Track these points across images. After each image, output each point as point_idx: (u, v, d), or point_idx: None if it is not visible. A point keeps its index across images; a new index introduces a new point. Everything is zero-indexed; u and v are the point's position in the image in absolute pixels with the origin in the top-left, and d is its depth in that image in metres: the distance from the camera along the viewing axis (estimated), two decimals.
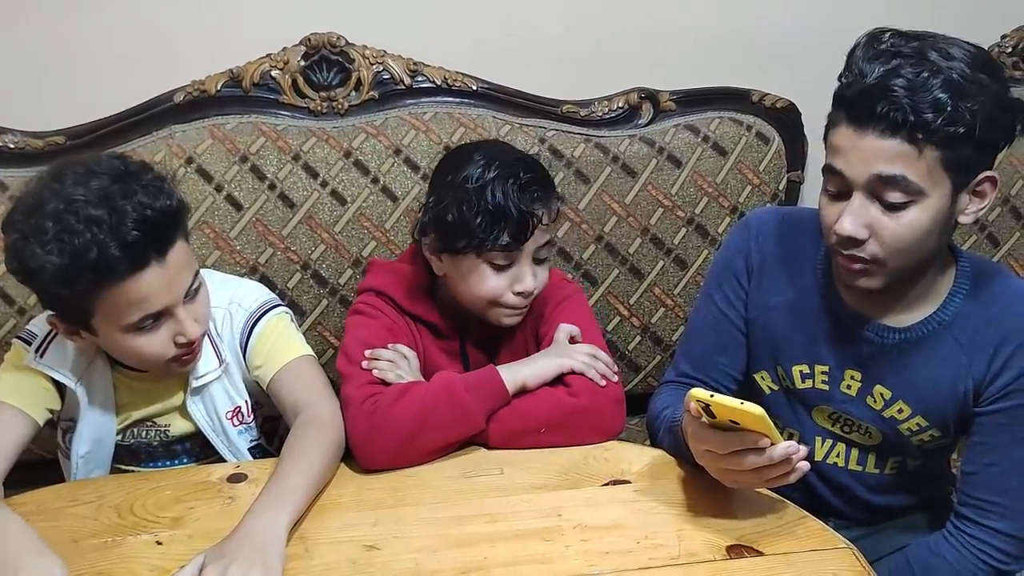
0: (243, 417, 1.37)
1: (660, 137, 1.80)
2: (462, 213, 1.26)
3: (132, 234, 1.10)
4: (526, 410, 1.28)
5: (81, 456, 1.31)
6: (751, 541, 1.10)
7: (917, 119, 1.04)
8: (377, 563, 1.06)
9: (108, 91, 1.65)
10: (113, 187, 1.13)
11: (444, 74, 1.75)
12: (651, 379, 1.86)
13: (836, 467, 1.35)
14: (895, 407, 1.27)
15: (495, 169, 1.27)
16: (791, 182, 1.88)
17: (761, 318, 1.33)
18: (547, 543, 1.10)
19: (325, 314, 1.69)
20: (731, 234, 1.40)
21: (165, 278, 1.16)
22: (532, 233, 1.28)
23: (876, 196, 1.10)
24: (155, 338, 1.20)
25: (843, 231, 1.12)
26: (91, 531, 1.12)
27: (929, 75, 1.05)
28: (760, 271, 1.33)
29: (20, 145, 1.61)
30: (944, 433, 1.27)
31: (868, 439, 1.32)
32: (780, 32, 1.88)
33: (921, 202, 1.09)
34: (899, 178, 1.07)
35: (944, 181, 1.09)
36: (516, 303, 1.32)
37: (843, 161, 1.11)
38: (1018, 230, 1.95)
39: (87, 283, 1.12)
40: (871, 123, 1.07)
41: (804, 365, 1.30)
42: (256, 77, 1.69)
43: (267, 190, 1.65)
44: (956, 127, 1.05)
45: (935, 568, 1.23)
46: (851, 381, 1.29)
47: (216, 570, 0.99)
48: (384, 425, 1.22)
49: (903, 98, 1.05)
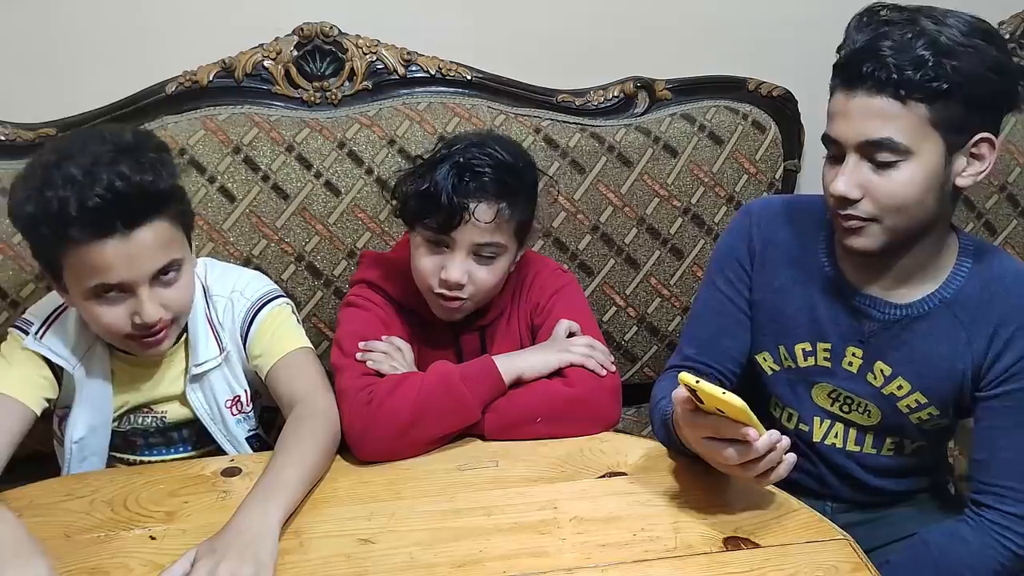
0: (242, 406, 1.36)
1: (656, 126, 1.80)
2: (409, 184, 1.31)
3: (94, 199, 1.12)
4: (522, 401, 1.28)
5: (75, 442, 1.30)
6: (748, 533, 1.09)
7: (900, 76, 1.09)
8: (372, 557, 1.06)
9: (100, 82, 1.64)
10: (106, 154, 1.15)
11: (438, 64, 1.74)
12: (647, 369, 1.86)
13: (834, 448, 1.36)
14: (895, 383, 1.28)
15: (455, 155, 1.28)
16: (788, 171, 1.88)
17: (765, 301, 1.34)
18: (543, 536, 1.09)
19: (319, 306, 1.68)
20: (733, 221, 1.42)
21: (127, 253, 1.15)
22: (459, 224, 1.26)
23: (867, 157, 1.15)
24: (113, 311, 1.19)
25: (836, 191, 1.16)
26: (84, 526, 1.11)
27: (913, 36, 1.10)
28: (763, 254, 1.34)
29: (11, 137, 1.60)
30: (942, 412, 1.28)
31: (867, 418, 1.32)
32: (776, 20, 1.87)
33: (911, 160, 1.13)
34: (886, 141, 1.12)
35: (935, 139, 1.13)
36: (441, 291, 1.31)
37: (836, 126, 1.16)
38: (1015, 217, 1.95)
39: (49, 237, 1.15)
40: (859, 83, 1.12)
41: (807, 343, 1.32)
42: (248, 67, 1.68)
43: (260, 181, 1.64)
44: (939, 83, 1.09)
45: (955, 551, 1.23)
46: (852, 358, 1.30)
47: (207, 565, 0.98)
48: (380, 416, 1.22)
49: (888, 57, 1.10)
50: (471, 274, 1.30)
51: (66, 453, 1.31)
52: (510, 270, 1.37)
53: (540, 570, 1.04)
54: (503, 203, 1.28)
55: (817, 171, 1.93)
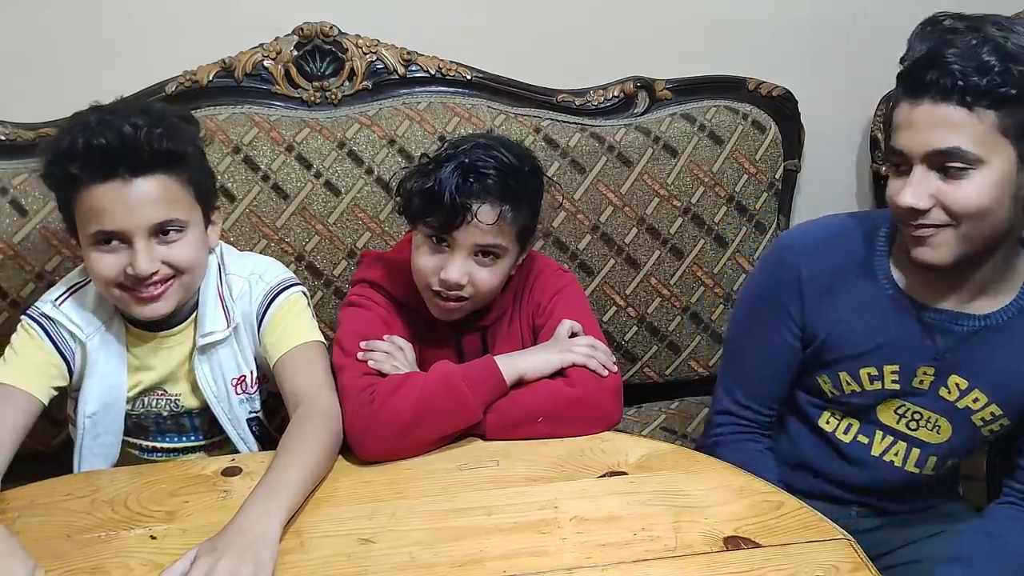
0: (247, 387, 1.37)
1: (656, 126, 1.80)
2: (413, 182, 1.31)
3: (100, 140, 1.17)
4: (523, 401, 1.28)
5: (88, 416, 1.31)
6: (748, 533, 1.09)
7: (966, 82, 1.07)
8: (373, 556, 1.06)
9: (100, 82, 1.61)
10: (128, 109, 1.23)
11: (438, 64, 1.74)
12: (648, 369, 1.86)
13: (891, 465, 1.33)
14: (970, 397, 1.26)
15: (460, 155, 1.28)
16: (788, 171, 1.88)
17: (824, 334, 1.30)
18: (543, 535, 1.09)
19: (319, 306, 1.68)
20: (770, 259, 1.37)
21: (126, 199, 1.19)
22: (461, 224, 1.26)
23: (936, 167, 1.12)
24: (108, 259, 1.22)
25: (904, 202, 1.13)
26: (85, 525, 1.11)
27: (979, 43, 1.07)
28: (815, 289, 1.29)
29: (11, 137, 1.60)
30: (1013, 421, 1.27)
31: (936, 435, 1.30)
32: (776, 20, 1.87)
33: (981, 169, 1.10)
34: (954, 150, 1.09)
35: (1005, 147, 1.10)
36: (439, 289, 1.31)
37: (901, 137, 1.13)
38: None
39: (59, 178, 1.22)
40: (923, 92, 1.10)
41: (872, 368, 1.28)
42: (248, 67, 1.68)
43: (260, 181, 1.64)
44: (1007, 88, 1.06)
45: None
46: (924, 376, 1.27)
47: (207, 563, 0.98)
48: (381, 416, 1.22)
49: (953, 64, 1.07)
50: (471, 275, 1.30)
51: (79, 429, 1.31)
52: (511, 273, 1.37)
53: (540, 570, 1.04)
54: (506, 205, 1.28)
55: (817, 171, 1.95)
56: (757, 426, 1.38)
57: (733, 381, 1.39)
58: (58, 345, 1.29)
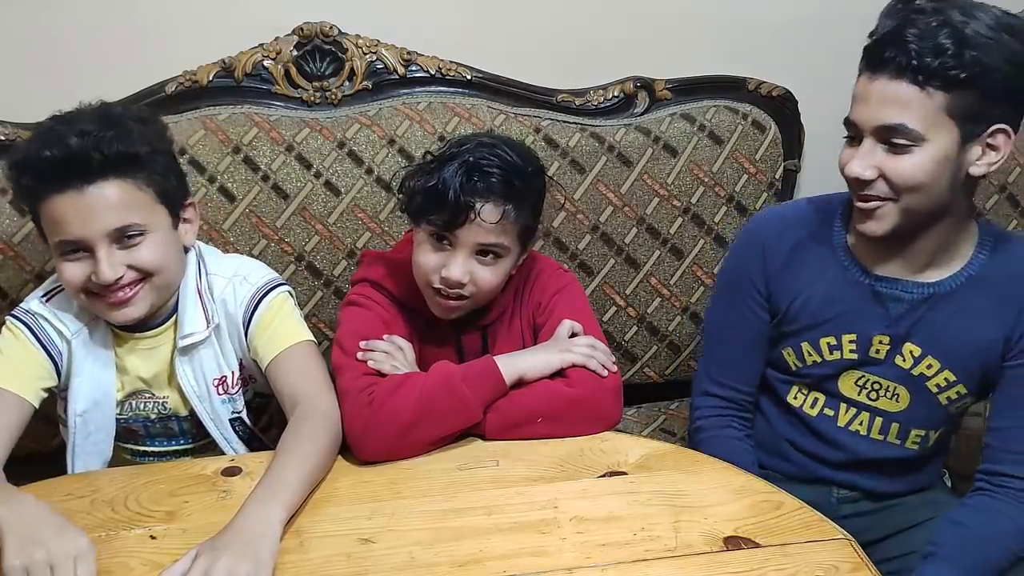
0: (227, 387, 1.36)
1: (656, 126, 1.80)
2: (417, 179, 1.31)
3: (49, 151, 1.18)
4: (523, 401, 1.28)
5: (79, 415, 1.31)
6: (748, 533, 1.09)
7: (920, 62, 1.12)
8: (372, 556, 1.06)
9: (99, 82, 1.61)
10: (83, 114, 1.23)
11: (438, 64, 1.74)
12: (648, 369, 1.86)
13: (857, 435, 1.37)
14: (924, 363, 1.30)
15: (465, 154, 1.28)
16: (788, 171, 1.88)
17: (788, 306, 1.36)
18: (543, 535, 1.09)
19: (319, 306, 1.68)
20: (740, 238, 1.45)
21: (82, 208, 1.19)
22: (464, 222, 1.26)
23: (882, 140, 1.18)
24: (74, 268, 1.23)
25: (851, 172, 1.21)
26: (84, 525, 1.10)
27: (938, 25, 1.12)
28: (779, 263, 1.36)
29: (11, 137, 1.60)
30: (969, 389, 1.31)
31: (896, 403, 1.34)
32: (776, 20, 1.87)
33: (924, 146, 1.16)
34: (900, 126, 1.16)
35: (949, 127, 1.15)
36: (440, 287, 1.31)
37: (856, 109, 1.20)
38: (1015, 217, 1.95)
39: (19, 187, 1.24)
40: (881, 68, 1.16)
41: (831, 337, 1.34)
42: (248, 67, 1.68)
43: (260, 181, 1.64)
44: (958, 71, 1.11)
45: (995, 523, 1.25)
46: (879, 345, 1.32)
47: (206, 562, 0.98)
48: (381, 417, 1.22)
49: (911, 43, 1.13)
50: (472, 274, 1.30)
51: (70, 428, 1.31)
52: (512, 272, 1.37)
53: (540, 569, 1.04)
54: (509, 205, 1.28)
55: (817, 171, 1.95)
56: (737, 407, 1.43)
57: (711, 361, 1.45)
58: (44, 344, 1.28)
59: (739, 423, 1.42)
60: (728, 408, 1.43)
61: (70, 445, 1.33)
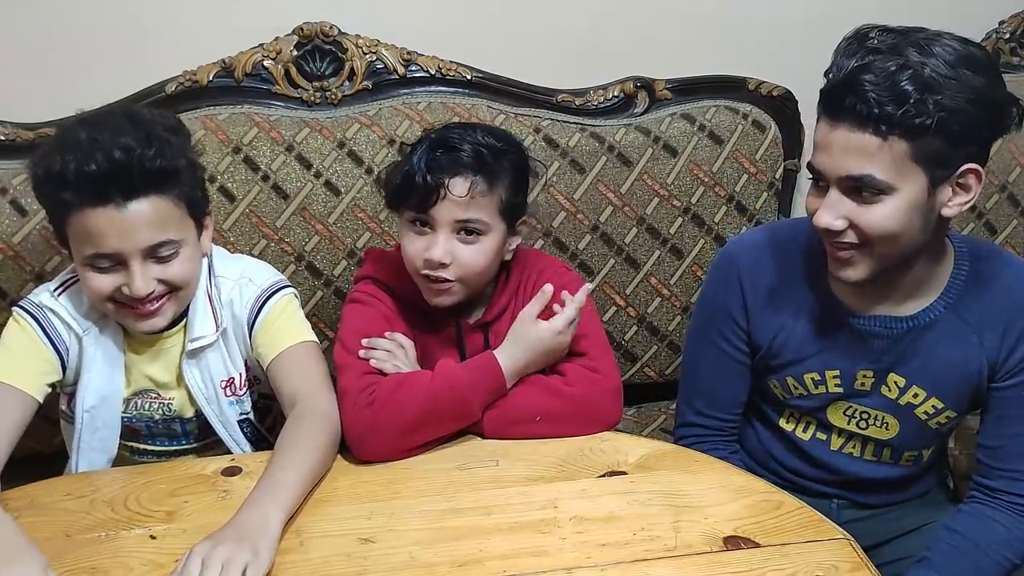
0: (235, 389, 1.36)
1: (656, 126, 1.79)
2: (393, 170, 1.34)
3: (91, 166, 1.15)
4: (522, 400, 1.28)
5: (86, 411, 1.30)
6: (748, 533, 1.09)
7: (881, 111, 1.07)
8: (372, 556, 1.06)
9: (99, 82, 1.63)
10: (117, 125, 1.19)
11: (438, 64, 1.74)
12: (648, 369, 1.86)
13: (851, 457, 1.37)
14: (910, 392, 1.29)
15: (432, 134, 1.32)
16: (788, 171, 1.87)
17: (768, 342, 1.33)
18: (543, 535, 1.09)
19: (319, 306, 1.68)
20: (716, 268, 1.40)
21: (121, 224, 1.18)
22: (437, 200, 1.27)
23: (849, 191, 1.14)
24: (103, 279, 1.22)
25: (819, 223, 1.16)
26: (84, 525, 1.11)
27: (897, 69, 1.07)
28: (757, 299, 1.33)
29: (11, 136, 1.59)
30: (959, 412, 1.30)
31: (885, 431, 1.33)
32: (777, 19, 1.87)
33: (893, 195, 1.12)
34: (867, 177, 1.11)
35: (917, 174, 1.11)
36: (427, 271, 1.30)
37: (819, 158, 1.15)
38: (1016, 217, 1.95)
39: (51, 199, 1.21)
40: (841, 116, 1.11)
41: (815, 373, 1.31)
42: (248, 67, 1.68)
43: (260, 181, 1.64)
44: (921, 119, 1.07)
45: (990, 531, 1.25)
46: (863, 379, 1.30)
47: (203, 550, 0.99)
48: (381, 417, 1.22)
49: (869, 92, 1.07)
50: (454, 253, 1.29)
51: (76, 424, 1.31)
52: (504, 256, 1.36)
53: (540, 569, 1.04)
54: (478, 176, 1.28)
55: None
56: (721, 433, 1.41)
57: (692, 391, 1.43)
58: (52, 338, 1.28)
59: (724, 444, 1.41)
60: (714, 435, 1.41)
61: (75, 441, 1.32)
